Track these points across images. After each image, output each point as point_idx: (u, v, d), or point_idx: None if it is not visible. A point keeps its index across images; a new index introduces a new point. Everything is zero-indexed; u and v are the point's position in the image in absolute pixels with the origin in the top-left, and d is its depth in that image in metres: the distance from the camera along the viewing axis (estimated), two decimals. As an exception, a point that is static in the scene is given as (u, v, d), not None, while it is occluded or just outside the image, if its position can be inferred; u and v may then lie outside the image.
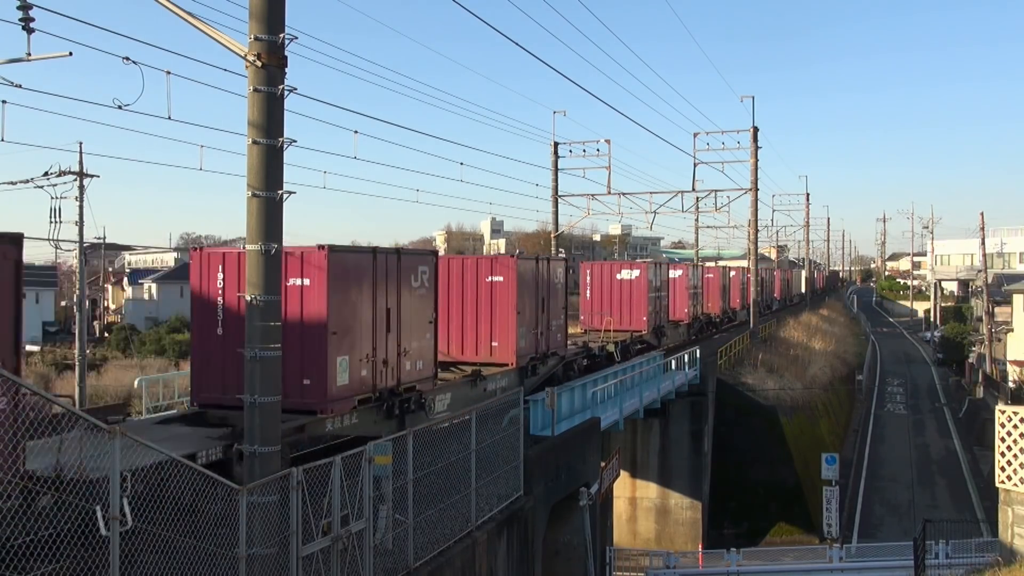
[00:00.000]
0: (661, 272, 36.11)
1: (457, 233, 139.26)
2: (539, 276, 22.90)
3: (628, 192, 44.76)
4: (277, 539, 8.45)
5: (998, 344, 56.95)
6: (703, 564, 27.14)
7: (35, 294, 58.54)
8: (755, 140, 43.75)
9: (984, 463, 41.29)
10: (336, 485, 9.07)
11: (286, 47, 9.31)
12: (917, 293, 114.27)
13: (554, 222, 46.04)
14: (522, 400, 14.88)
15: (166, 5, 9.02)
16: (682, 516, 31.09)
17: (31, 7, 13.58)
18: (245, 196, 9.33)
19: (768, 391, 37.44)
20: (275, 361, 9.44)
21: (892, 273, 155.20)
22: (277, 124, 9.36)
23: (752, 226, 46.20)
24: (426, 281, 17.10)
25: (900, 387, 65.07)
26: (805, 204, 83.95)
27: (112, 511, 6.52)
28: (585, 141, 43.63)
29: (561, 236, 48.52)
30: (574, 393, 22.17)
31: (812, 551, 28.43)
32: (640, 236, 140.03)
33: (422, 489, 11.25)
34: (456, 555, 11.76)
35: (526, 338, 21.89)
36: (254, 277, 9.34)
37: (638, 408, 25.17)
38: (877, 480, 41.52)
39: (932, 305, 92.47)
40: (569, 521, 18.32)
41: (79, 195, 30.40)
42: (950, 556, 22.51)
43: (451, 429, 12.25)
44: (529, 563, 14.79)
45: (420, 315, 16.83)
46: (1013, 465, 12.83)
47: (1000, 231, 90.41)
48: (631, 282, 33.09)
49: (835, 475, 30.38)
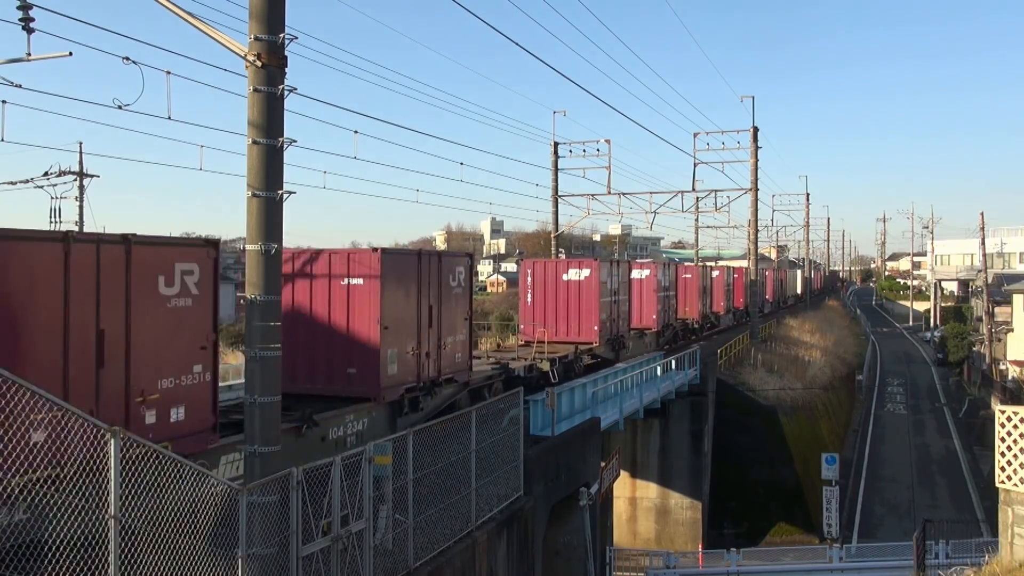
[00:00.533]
0: (618, 272, 30.00)
1: (457, 233, 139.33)
2: (422, 278, 17.22)
3: (628, 192, 44.79)
4: (277, 539, 8.45)
5: (998, 344, 56.96)
6: (703, 564, 27.13)
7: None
8: (755, 140, 43.75)
9: (984, 463, 41.29)
10: (336, 485, 9.07)
11: (286, 47, 9.31)
12: (917, 293, 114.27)
13: (554, 222, 46.04)
14: (522, 400, 14.89)
15: (166, 5, 9.02)
16: (682, 516, 31.06)
17: (31, 7, 13.58)
18: (245, 196, 9.33)
19: (768, 391, 37.43)
20: (275, 361, 9.44)
21: (892, 273, 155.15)
22: (277, 124, 9.35)
23: (752, 226, 46.19)
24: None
25: (900, 387, 65.08)
26: (805, 204, 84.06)
27: (111, 511, 6.53)
28: (585, 141, 43.68)
29: (561, 236, 48.52)
30: (574, 393, 22.18)
31: (812, 551, 28.42)
32: (640, 236, 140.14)
33: (422, 489, 11.25)
34: (456, 555, 11.76)
35: (398, 362, 16.16)
36: (254, 277, 9.33)
37: (638, 408, 25.17)
38: (877, 480, 41.52)
39: (932, 305, 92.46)
40: (569, 521, 18.32)
41: (79, 195, 30.45)
42: (950, 556, 22.53)
43: (451, 429, 12.25)
44: (529, 563, 14.79)
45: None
46: (1013, 465, 12.82)
47: (1000, 231, 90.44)
48: (579, 283, 27.62)
49: (835, 475, 30.39)
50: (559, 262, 29.91)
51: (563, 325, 27.52)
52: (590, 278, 27.68)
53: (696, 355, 31.21)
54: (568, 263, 29.21)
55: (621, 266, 31.22)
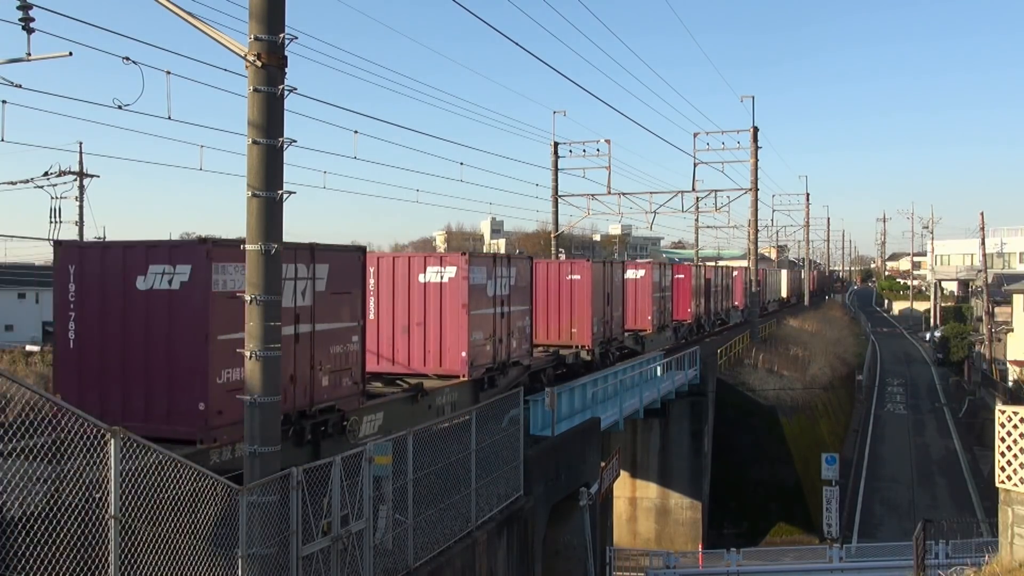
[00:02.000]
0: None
1: (457, 233, 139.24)
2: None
3: (628, 192, 44.81)
4: (277, 539, 8.45)
5: (998, 344, 56.99)
6: (703, 564, 27.15)
7: (35, 294, 58.46)
8: (755, 140, 43.77)
9: (984, 463, 41.31)
10: (336, 485, 9.08)
11: (286, 47, 9.31)
12: (917, 293, 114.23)
13: (554, 222, 46.06)
14: (522, 400, 14.90)
15: (166, 5, 9.02)
16: (682, 516, 31.08)
17: (31, 7, 13.60)
18: (245, 196, 9.33)
19: (768, 391, 37.44)
20: (275, 361, 9.44)
21: (892, 273, 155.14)
22: (277, 124, 9.35)
23: (752, 226, 46.21)
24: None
25: (900, 387, 65.10)
26: (805, 204, 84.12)
27: (111, 511, 6.53)
28: (585, 141, 43.71)
29: (561, 236, 48.55)
30: (574, 393, 22.18)
31: (812, 551, 28.44)
32: (640, 236, 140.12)
33: (422, 489, 11.25)
34: (456, 555, 11.76)
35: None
36: (254, 277, 9.33)
37: (638, 408, 25.17)
38: (877, 480, 41.53)
39: (932, 305, 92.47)
40: (569, 521, 18.32)
41: (79, 195, 30.48)
42: (950, 556, 22.54)
43: (451, 429, 12.25)
44: (529, 563, 14.79)
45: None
46: (1013, 465, 12.81)
47: (1000, 231, 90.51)
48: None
49: (835, 475, 30.40)
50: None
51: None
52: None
53: (696, 355, 31.22)
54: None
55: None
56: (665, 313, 36.30)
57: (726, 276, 52.47)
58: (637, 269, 34.37)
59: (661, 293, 35.71)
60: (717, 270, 50.62)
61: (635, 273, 33.73)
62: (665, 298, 36.45)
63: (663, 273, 36.65)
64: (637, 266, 35.09)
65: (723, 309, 50.35)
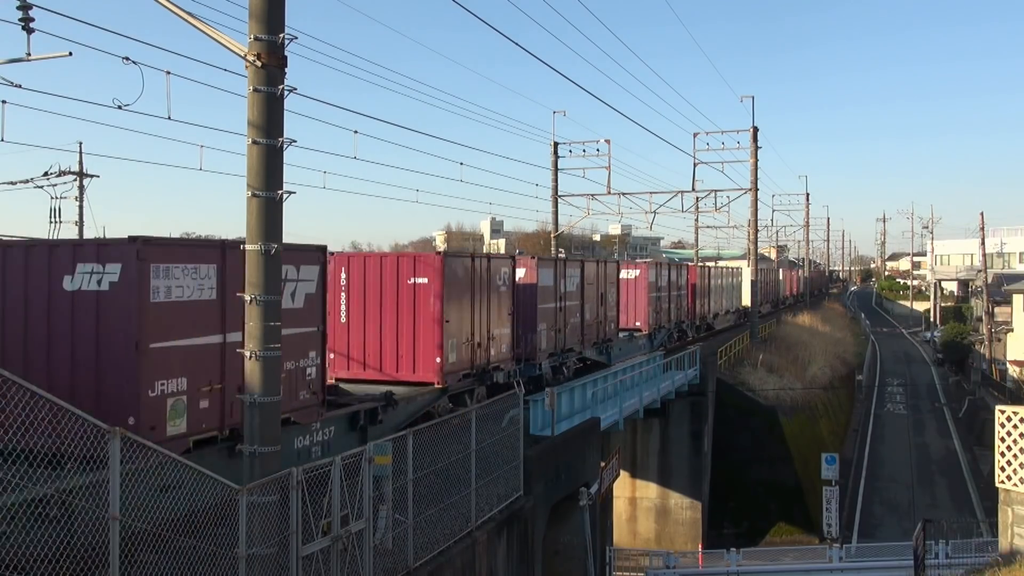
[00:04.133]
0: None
1: (457, 233, 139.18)
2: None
3: (628, 192, 44.81)
4: (277, 539, 8.45)
5: (998, 344, 56.99)
6: (703, 564, 27.13)
7: None
8: (755, 140, 43.77)
9: (984, 463, 41.30)
10: (336, 485, 9.07)
11: (286, 47, 9.31)
12: (917, 293, 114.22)
13: (554, 222, 46.06)
14: (522, 400, 14.91)
15: (166, 5, 9.02)
16: (682, 516, 31.08)
17: (31, 7, 13.61)
18: (245, 196, 9.33)
19: (768, 391, 37.43)
20: (275, 361, 9.44)
21: (892, 273, 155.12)
22: (277, 124, 9.35)
23: (752, 226, 46.21)
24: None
25: (900, 387, 65.10)
26: (805, 204, 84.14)
27: (112, 511, 6.53)
28: (585, 141, 43.68)
29: (561, 236, 48.53)
30: (574, 393, 22.17)
31: (812, 551, 28.42)
32: (640, 236, 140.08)
33: (422, 489, 11.25)
34: (456, 555, 11.76)
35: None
36: (254, 277, 9.33)
37: (638, 408, 25.16)
38: (877, 480, 41.53)
39: (932, 305, 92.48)
40: (569, 521, 18.32)
41: (79, 195, 30.46)
42: (950, 556, 22.51)
43: (451, 429, 12.25)
44: (529, 563, 14.79)
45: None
46: (1013, 465, 12.83)
47: (1000, 231, 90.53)
48: None
49: (835, 475, 30.37)
50: None
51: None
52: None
53: (696, 355, 31.22)
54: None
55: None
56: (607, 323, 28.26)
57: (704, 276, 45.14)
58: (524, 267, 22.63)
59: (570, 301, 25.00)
60: (678, 268, 40.66)
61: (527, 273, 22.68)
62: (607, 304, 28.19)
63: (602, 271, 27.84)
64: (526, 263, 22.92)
65: (705, 313, 44.58)
